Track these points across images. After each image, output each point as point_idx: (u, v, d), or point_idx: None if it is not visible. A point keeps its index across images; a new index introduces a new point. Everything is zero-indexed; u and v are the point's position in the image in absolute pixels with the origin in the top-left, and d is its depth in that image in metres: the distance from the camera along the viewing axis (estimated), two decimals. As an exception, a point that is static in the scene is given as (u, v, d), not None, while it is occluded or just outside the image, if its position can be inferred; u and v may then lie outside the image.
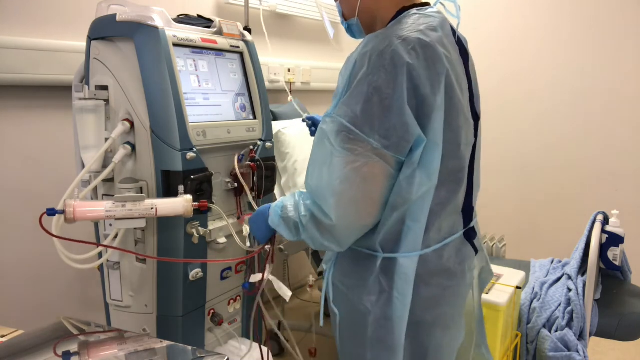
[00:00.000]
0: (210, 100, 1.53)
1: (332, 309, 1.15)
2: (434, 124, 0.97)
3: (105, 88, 1.41)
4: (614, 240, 1.95)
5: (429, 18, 1.03)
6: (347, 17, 1.17)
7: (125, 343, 1.19)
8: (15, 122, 1.71)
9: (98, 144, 1.36)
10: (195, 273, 1.45)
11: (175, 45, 1.41)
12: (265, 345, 1.54)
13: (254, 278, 1.35)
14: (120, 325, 1.50)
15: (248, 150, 1.58)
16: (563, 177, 2.99)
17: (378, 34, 0.99)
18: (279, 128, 2.21)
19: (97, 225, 1.51)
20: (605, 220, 2.02)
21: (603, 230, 1.97)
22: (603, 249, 1.97)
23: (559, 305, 1.97)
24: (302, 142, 2.24)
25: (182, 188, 1.32)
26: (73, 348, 1.16)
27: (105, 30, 1.41)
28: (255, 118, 1.67)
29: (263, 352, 1.49)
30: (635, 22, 2.70)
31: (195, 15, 1.67)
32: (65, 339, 1.19)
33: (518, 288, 1.89)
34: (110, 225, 1.43)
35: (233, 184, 1.55)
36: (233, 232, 1.44)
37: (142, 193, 1.37)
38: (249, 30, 1.98)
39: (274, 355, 2.33)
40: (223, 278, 1.60)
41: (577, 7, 2.86)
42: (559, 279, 2.12)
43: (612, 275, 2.10)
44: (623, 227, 1.96)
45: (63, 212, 1.18)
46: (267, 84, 2.05)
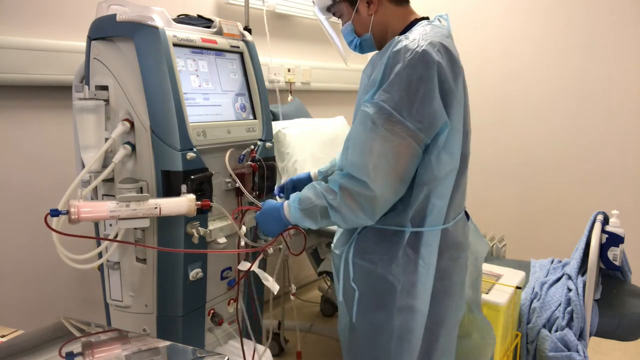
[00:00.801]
0: (210, 100, 1.53)
1: (351, 286, 1.26)
2: (455, 113, 1.14)
3: (105, 88, 1.41)
4: (614, 240, 1.95)
5: (441, 29, 1.20)
6: (360, 33, 1.29)
7: (125, 343, 1.19)
8: (16, 122, 1.71)
9: (98, 144, 1.36)
10: (195, 273, 1.45)
11: (175, 45, 1.41)
12: (265, 345, 1.54)
13: (242, 266, 1.42)
14: (120, 325, 1.50)
15: (249, 151, 1.58)
16: (563, 177, 2.99)
17: (405, 37, 1.13)
18: (279, 128, 2.22)
19: (97, 225, 1.51)
20: (605, 220, 2.02)
21: (603, 230, 1.97)
22: (603, 249, 1.97)
23: (559, 305, 1.97)
24: (302, 142, 2.24)
25: (184, 187, 1.32)
26: (74, 348, 1.16)
27: (105, 30, 1.41)
28: (255, 118, 1.67)
29: (258, 350, 1.49)
30: (635, 22, 2.70)
31: (195, 15, 1.67)
32: (66, 340, 1.19)
33: (518, 288, 1.89)
34: (111, 225, 1.43)
35: (233, 184, 1.56)
36: (239, 230, 1.42)
37: (142, 193, 1.36)
38: (249, 30, 1.98)
39: (274, 356, 2.33)
40: (223, 278, 1.60)
41: (577, 7, 2.86)
42: (559, 279, 2.12)
43: (612, 275, 2.10)
44: (623, 227, 1.96)
45: (67, 212, 1.17)
46: (267, 84, 2.05)
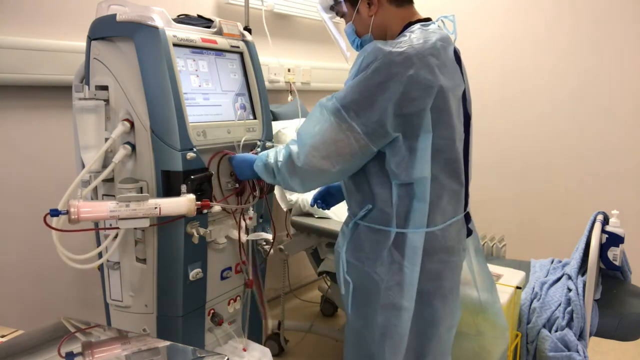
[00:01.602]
0: (210, 100, 1.53)
1: (346, 280, 1.31)
2: (425, 122, 1.15)
3: (105, 88, 1.41)
4: (614, 240, 1.95)
5: (429, 33, 1.19)
6: (361, 34, 1.31)
7: (125, 343, 1.19)
8: (15, 122, 1.71)
9: (98, 144, 1.36)
10: (195, 273, 1.45)
11: (175, 45, 1.41)
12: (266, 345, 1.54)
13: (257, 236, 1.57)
14: (120, 325, 1.50)
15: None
16: (563, 176, 2.98)
17: (385, 43, 1.15)
18: (279, 128, 2.21)
19: (96, 225, 1.51)
20: (605, 220, 2.02)
21: (603, 230, 1.97)
22: (603, 249, 1.96)
23: (559, 305, 1.96)
24: (302, 142, 2.24)
25: (184, 187, 1.32)
26: (74, 348, 1.16)
27: (105, 30, 1.41)
28: (255, 118, 1.67)
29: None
30: (635, 21, 2.70)
31: (195, 15, 1.67)
32: (66, 340, 1.19)
33: (518, 288, 1.89)
34: (111, 225, 1.43)
35: (233, 184, 1.56)
36: (240, 226, 1.42)
37: (142, 193, 1.36)
38: (249, 30, 1.98)
39: (274, 356, 2.33)
40: (223, 278, 1.60)
41: (577, 7, 2.86)
42: (559, 279, 2.12)
43: (612, 275, 2.10)
44: (623, 227, 1.96)
45: (67, 212, 1.17)
46: (267, 84, 2.05)
